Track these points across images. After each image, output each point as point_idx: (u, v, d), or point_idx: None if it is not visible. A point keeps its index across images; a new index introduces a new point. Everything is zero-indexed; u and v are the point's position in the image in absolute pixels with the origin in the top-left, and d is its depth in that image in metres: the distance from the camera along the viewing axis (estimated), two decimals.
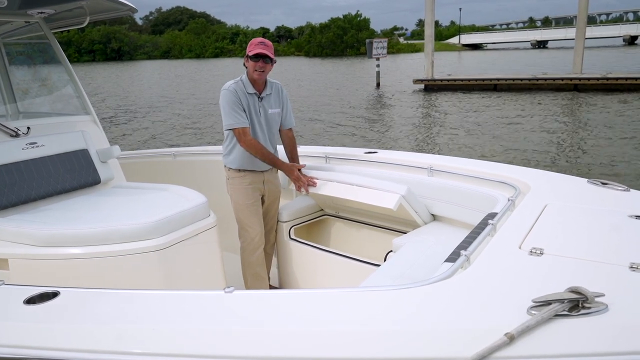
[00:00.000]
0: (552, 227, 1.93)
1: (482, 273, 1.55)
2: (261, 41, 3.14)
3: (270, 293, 1.55)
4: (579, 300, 1.21)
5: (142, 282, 2.54)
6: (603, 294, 1.26)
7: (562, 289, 1.28)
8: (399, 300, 1.42)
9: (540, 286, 1.38)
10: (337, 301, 1.45)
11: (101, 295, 1.66)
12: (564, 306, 1.20)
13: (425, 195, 3.08)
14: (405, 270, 2.39)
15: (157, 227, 2.56)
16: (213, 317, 1.41)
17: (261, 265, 3.36)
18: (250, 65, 3.13)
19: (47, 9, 3.49)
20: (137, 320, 1.46)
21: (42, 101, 4.34)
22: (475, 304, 1.37)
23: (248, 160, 3.23)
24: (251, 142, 3.14)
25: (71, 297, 1.65)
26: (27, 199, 3.00)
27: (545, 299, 1.23)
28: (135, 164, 4.71)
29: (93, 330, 1.44)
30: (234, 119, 3.11)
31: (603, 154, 9.78)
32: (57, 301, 1.62)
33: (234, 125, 3.12)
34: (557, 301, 1.21)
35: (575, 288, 1.24)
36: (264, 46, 3.10)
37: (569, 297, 1.22)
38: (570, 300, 1.21)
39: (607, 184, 2.46)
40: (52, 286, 1.70)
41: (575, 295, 1.22)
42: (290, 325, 1.34)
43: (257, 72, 3.11)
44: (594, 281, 1.41)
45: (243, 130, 3.12)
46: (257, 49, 3.08)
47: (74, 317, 1.53)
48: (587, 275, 1.48)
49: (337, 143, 12.19)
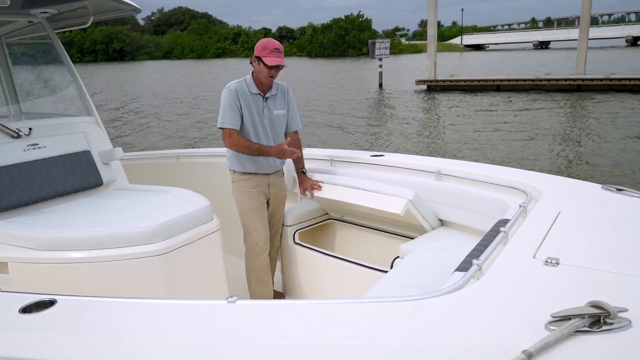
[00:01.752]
0: (567, 236, 1.85)
1: (496, 284, 1.48)
2: (276, 47, 3.04)
3: (272, 304, 1.50)
4: (600, 315, 1.15)
5: (143, 287, 2.50)
6: (626, 309, 1.19)
7: (582, 303, 1.23)
8: (406, 313, 1.36)
9: (558, 299, 1.33)
10: (341, 313, 1.39)
11: (99, 304, 1.60)
12: (585, 322, 1.14)
13: (433, 200, 3.02)
14: (412, 278, 2.34)
15: (159, 231, 2.52)
16: (215, 330, 1.36)
17: (265, 271, 3.32)
18: (263, 71, 3.06)
19: (50, 8, 3.46)
20: (135, 332, 1.40)
21: (45, 102, 4.31)
22: (490, 318, 1.30)
23: (252, 162, 3.19)
24: (235, 140, 3.09)
25: (68, 306, 1.59)
26: (28, 201, 2.96)
27: (564, 314, 1.17)
28: (138, 166, 4.68)
29: (89, 342, 1.39)
30: (225, 118, 3.08)
31: (613, 156, 9.68)
32: (54, 310, 1.56)
33: (224, 124, 3.09)
34: (578, 316, 1.15)
35: (596, 302, 1.18)
36: (278, 54, 3.03)
37: (590, 312, 1.16)
38: (591, 315, 1.16)
39: (623, 190, 2.37)
40: (49, 294, 1.65)
41: (597, 310, 1.16)
42: (292, 339, 1.29)
43: (270, 77, 3.08)
44: (614, 294, 1.35)
45: (230, 131, 3.09)
46: (275, 60, 3.01)
47: (70, 327, 1.48)
48: (607, 288, 1.41)
49: (341, 144, 12.16)
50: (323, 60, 59.63)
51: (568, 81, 20.76)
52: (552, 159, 9.77)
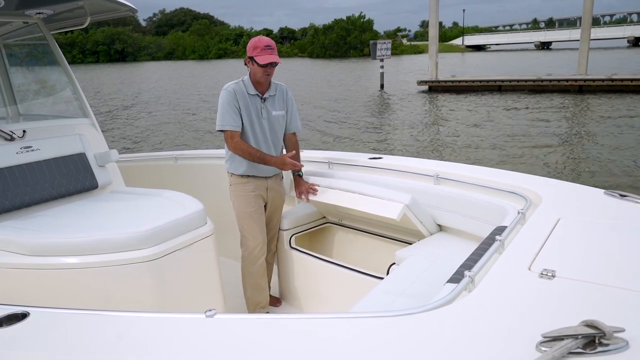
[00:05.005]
0: (565, 245, 1.79)
1: (487, 299, 1.43)
2: (267, 45, 2.99)
3: (252, 318, 1.44)
4: (595, 335, 1.09)
5: (133, 294, 2.44)
6: (623, 329, 1.13)
7: (576, 321, 1.17)
8: (392, 329, 1.30)
9: (551, 316, 1.28)
10: (323, 329, 1.34)
11: (73, 317, 1.54)
12: (578, 342, 1.08)
13: (431, 205, 2.97)
14: (407, 287, 2.29)
15: (149, 236, 2.46)
16: (188, 347, 1.30)
17: (262, 276, 3.28)
18: (258, 70, 3.02)
19: (45, 9, 3.43)
20: (104, 348, 1.35)
21: (42, 103, 4.29)
22: (478, 336, 1.24)
23: (251, 165, 3.14)
24: (238, 144, 3.05)
25: (41, 319, 1.53)
26: (20, 205, 2.92)
27: (557, 334, 1.11)
28: (136, 168, 4.65)
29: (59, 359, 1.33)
30: (225, 121, 3.03)
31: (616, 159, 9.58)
32: (25, 324, 1.49)
33: (224, 127, 3.04)
34: (571, 337, 1.09)
35: (591, 322, 1.12)
36: (271, 50, 2.98)
37: (584, 333, 1.10)
38: (585, 335, 1.10)
39: (626, 197, 2.28)
40: (22, 305, 1.58)
41: (591, 330, 1.10)
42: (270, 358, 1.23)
43: (266, 76, 3.03)
44: (612, 312, 1.30)
45: (232, 134, 3.04)
46: (268, 58, 2.96)
47: (41, 342, 1.42)
48: (604, 304, 1.35)
49: (341, 144, 12.13)
50: (324, 61, 59.60)
51: (570, 82, 20.68)
52: (554, 160, 9.70)
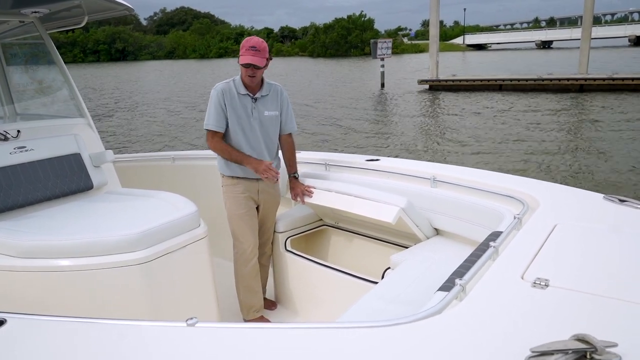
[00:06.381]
0: (561, 253, 1.75)
1: (477, 309, 1.39)
2: (252, 46, 2.95)
3: (235, 327, 1.40)
4: (586, 351, 1.06)
5: (125, 297, 2.42)
6: (615, 344, 1.09)
7: (568, 333, 1.13)
8: (378, 340, 1.27)
9: (542, 329, 1.24)
10: (308, 339, 1.30)
11: (51, 324, 1.50)
12: (568, 357, 1.05)
13: (428, 208, 2.93)
14: (401, 292, 2.26)
15: (141, 239, 2.43)
16: (166, 357, 1.28)
17: (255, 278, 3.25)
18: (242, 71, 3.02)
19: (41, 8, 3.42)
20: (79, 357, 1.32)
21: (38, 103, 4.28)
22: (465, 349, 1.21)
23: (240, 166, 3.11)
24: (216, 144, 3.07)
25: (18, 326, 1.49)
26: (13, 206, 2.89)
27: (546, 349, 1.08)
28: (134, 168, 4.63)
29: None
30: (209, 120, 3.05)
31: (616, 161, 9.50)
32: (2, 331, 1.46)
33: (208, 126, 3.06)
34: (561, 352, 1.06)
35: (582, 336, 1.09)
36: (253, 52, 2.94)
37: (575, 347, 1.06)
38: (576, 350, 1.06)
39: (626, 202, 2.23)
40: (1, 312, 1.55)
41: (582, 344, 1.07)
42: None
43: (249, 77, 3.01)
44: (606, 324, 1.26)
45: (213, 134, 3.06)
46: (246, 58, 2.93)
47: (17, 350, 1.38)
48: (597, 316, 1.31)
49: (341, 144, 12.10)
50: (325, 60, 59.55)
51: (570, 81, 20.61)
52: (554, 161, 9.65)
